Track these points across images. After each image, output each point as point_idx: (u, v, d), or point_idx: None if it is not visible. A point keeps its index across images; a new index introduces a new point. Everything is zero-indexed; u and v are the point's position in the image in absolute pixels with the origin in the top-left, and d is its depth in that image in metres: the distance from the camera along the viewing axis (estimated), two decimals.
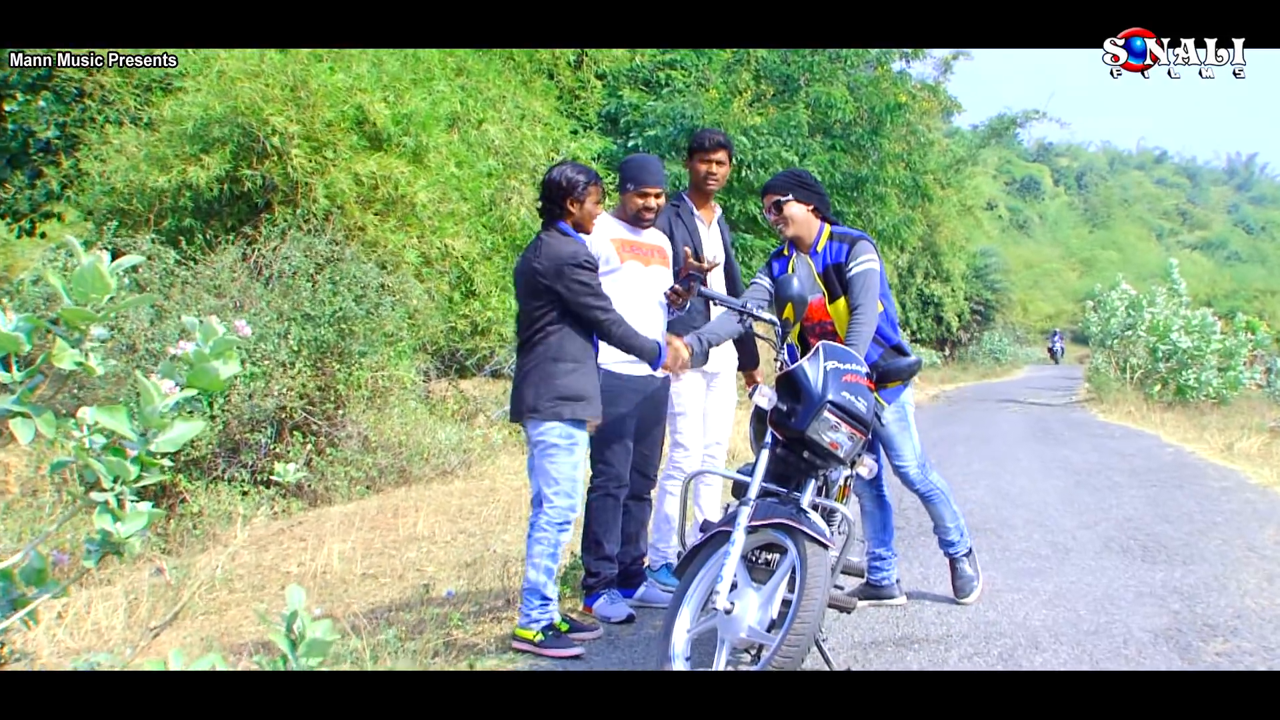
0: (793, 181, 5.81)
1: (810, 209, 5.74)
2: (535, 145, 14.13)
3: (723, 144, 6.33)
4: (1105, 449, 13.42)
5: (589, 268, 5.14)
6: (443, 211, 12.03)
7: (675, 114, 17.46)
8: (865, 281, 5.56)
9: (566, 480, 5.19)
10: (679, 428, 6.16)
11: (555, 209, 5.31)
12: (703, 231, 6.30)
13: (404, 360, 10.85)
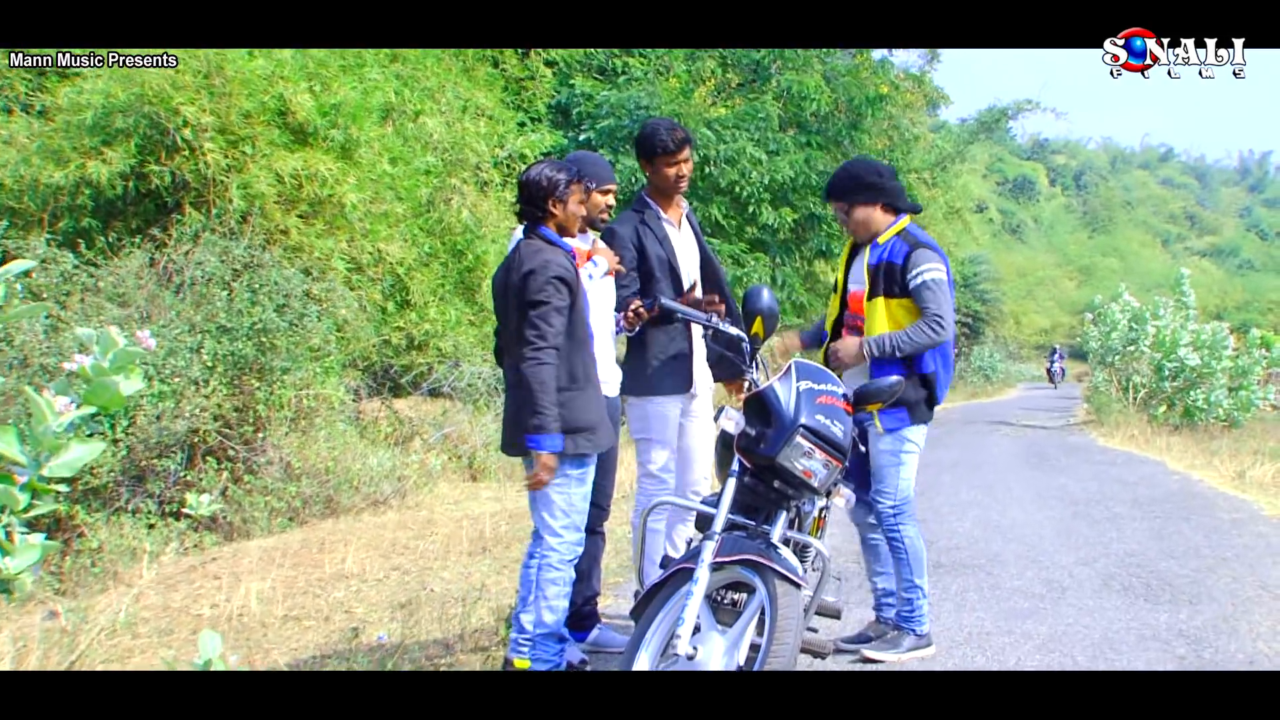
0: (850, 184, 5.99)
1: (879, 207, 5.93)
2: (478, 140, 14.14)
3: (687, 139, 6.34)
4: (1105, 477, 13.55)
5: (559, 283, 5.07)
6: (375, 213, 12.00)
7: (630, 104, 17.52)
8: (936, 292, 5.73)
9: (577, 514, 5.22)
10: (651, 457, 6.17)
11: (536, 212, 5.30)
12: (674, 237, 6.31)
13: (331, 377, 10.81)
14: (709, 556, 4.55)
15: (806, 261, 21.88)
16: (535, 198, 5.29)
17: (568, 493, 5.15)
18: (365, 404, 13.12)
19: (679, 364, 6.16)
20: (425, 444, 12.88)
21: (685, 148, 6.27)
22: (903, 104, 24.56)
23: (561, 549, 5.16)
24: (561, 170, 5.33)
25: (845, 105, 20.30)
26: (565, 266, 5.09)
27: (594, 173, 5.94)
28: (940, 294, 5.75)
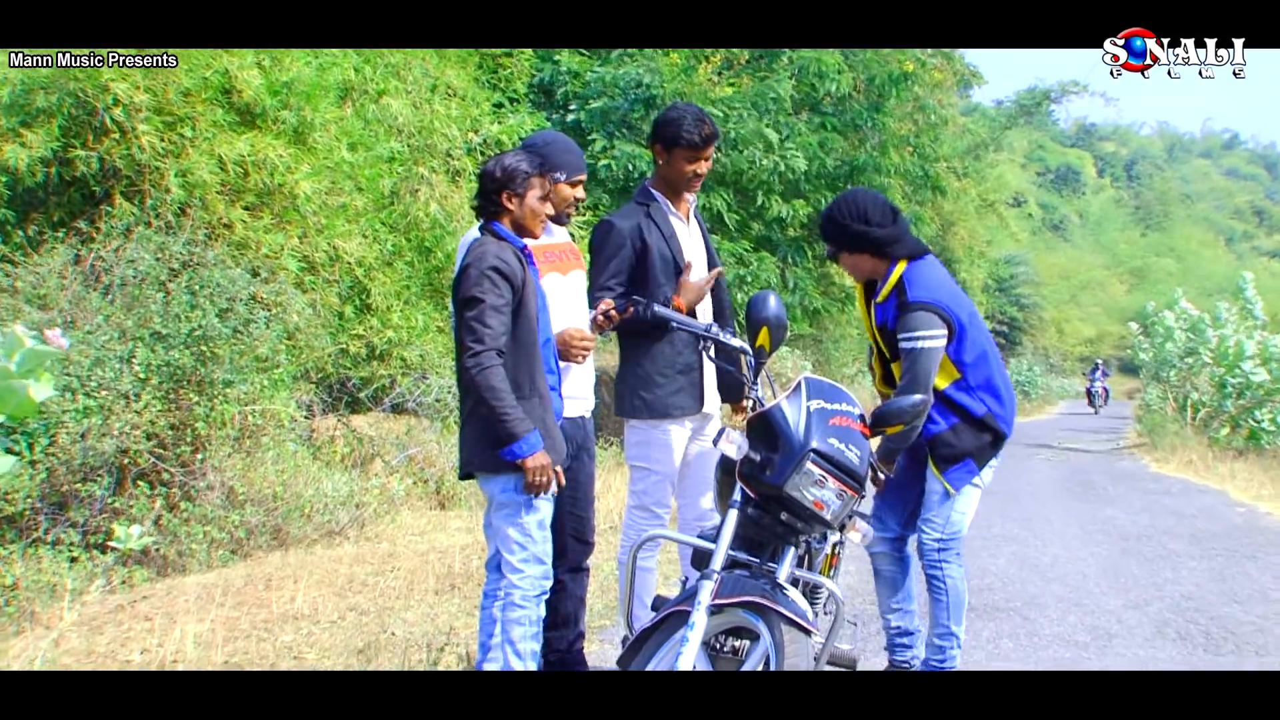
0: (833, 230, 6.11)
1: (866, 255, 6.04)
2: (449, 124, 14.13)
3: (715, 135, 6.36)
4: (1159, 508, 13.57)
5: (495, 276, 5.12)
6: (332, 205, 11.99)
7: (627, 82, 17.54)
8: (914, 360, 5.83)
9: (535, 542, 5.24)
10: (648, 488, 6.17)
11: (490, 206, 5.35)
12: (681, 232, 6.34)
13: (281, 391, 10.79)
14: (707, 598, 4.56)
15: (820, 261, 21.88)
16: (488, 190, 5.34)
17: (519, 522, 5.18)
18: (319, 421, 13.09)
19: (689, 380, 6.17)
20: (387, 467, 12.86)
21: (711, 145, 6.29)
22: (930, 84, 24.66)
23: (524, 584, 5.18)
24: (523, 161, 5.35)
25: (865, 85, 20.34)
26: (504, 260, 5.13)
27: (562, 162, 5.94)
28: (919, 365, 5.84)
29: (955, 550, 6.02)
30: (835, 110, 20.37)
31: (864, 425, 5.02)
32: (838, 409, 4.93)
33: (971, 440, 5.96)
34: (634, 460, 6.22)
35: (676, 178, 6.29)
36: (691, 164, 6.25)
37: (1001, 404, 6.03)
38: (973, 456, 5.98)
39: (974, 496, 6.08)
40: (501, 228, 5.32)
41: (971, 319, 6.03)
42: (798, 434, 4.80)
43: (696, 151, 6.22)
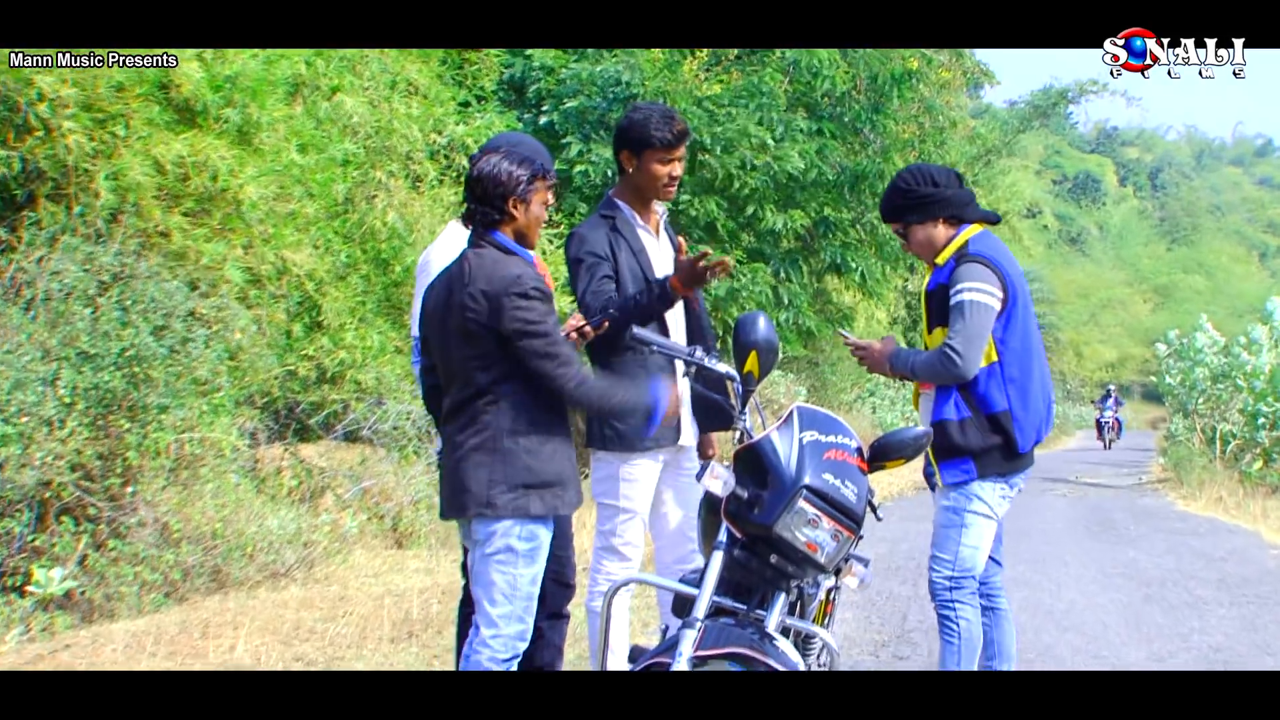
0: (901, 200, 6.17)
1: (940, 222, 6.11)
2: (409, 124, 14.12)
3: (686, 132, 6.34)
4: (1185, 550, 13.58)
5: (538, 297, 5.10)
6: (279, 212, 11.97)
7: (606, 80, 17.52)
8: (962, 316, 5.86)
9: (523, 598, 5.18)
10: (617, 528, 6.13)
11: (492, 214, 5.29)
12: (650, 246, 6.31)
13: (222, 417, 10.76)
14: (689, 649, 4.54)
15: (816, 277, 21.87)
16: (491, 196, 5.26)
17: (513, 572, 5.12)
18: (264, 451, 13.05)
19: None
20: (339, 501, 12.83)
21: (682, 144, 6.27)
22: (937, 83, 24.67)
23: (496, 645, 5.11)
24: (522, 162, 5.31)
25: (866, 84, 20.34)
26: (536, 279, 5.12)
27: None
28: (968, 318, 5.85)
29: (969, 589, 5.99)
30: (833, 111, 20.37)
31: (862, 459, 5.00)
32: (833, 441, 4.91)
33: (977, 438, 5.93)
34: (601, 497, 6.18)
35: (649, 183, 6.25)
36: (665, 166, 6.21)
37: (1026, 410, 5.98)
38: (974, 458, 5.93)
39: (985, 529, 6.03)
40: (503, 237, 5.27)
41: (1026, 307, 6.06)
42: (789, 469, 4.78)
43: (669, 151, 6.19)
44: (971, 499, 5.97)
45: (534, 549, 5.16)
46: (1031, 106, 40.74)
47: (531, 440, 5.11)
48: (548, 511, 5.15)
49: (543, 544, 5.21)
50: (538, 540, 5.17)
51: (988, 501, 6.00)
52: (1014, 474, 6.08)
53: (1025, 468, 6.12)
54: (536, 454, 5.12)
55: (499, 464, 5.12)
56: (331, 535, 11.57)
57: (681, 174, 6.37)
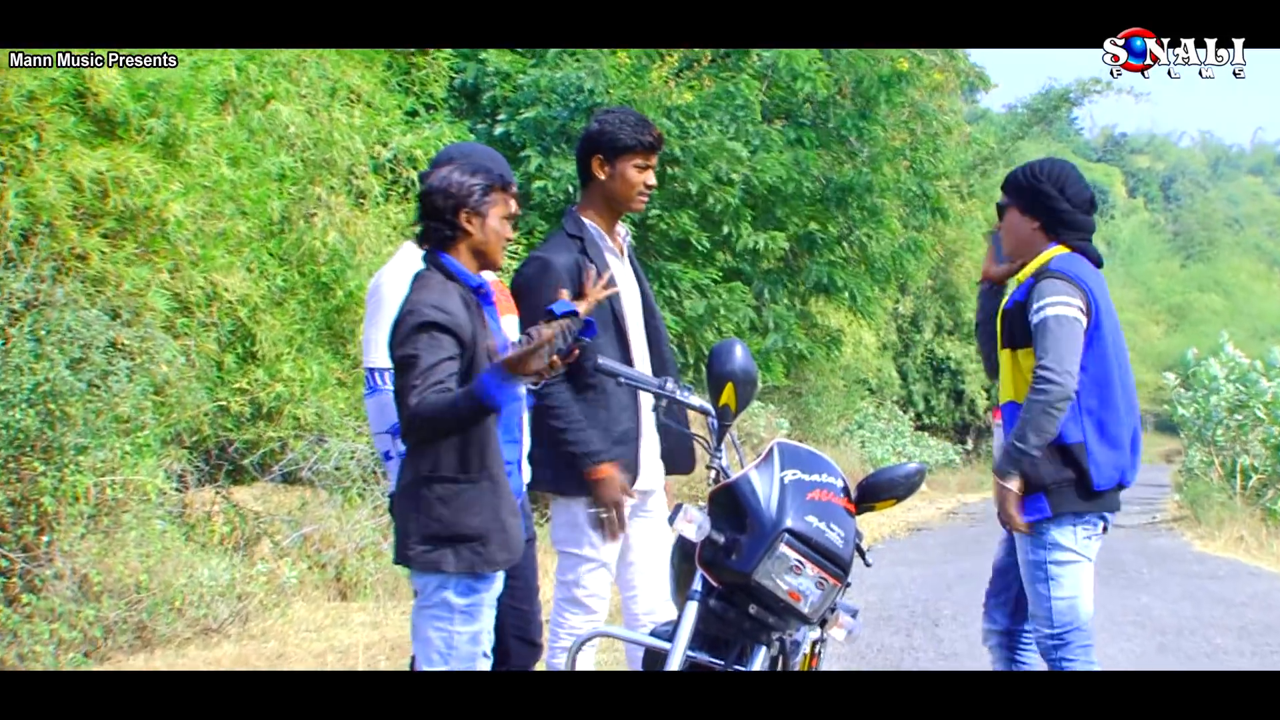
0: (1025, 181, 6.25)
1: (1035, 225, 6.16)
2: (351, 135, 14.08)
3: (663, 140, 6.40)
4: (1203, 595, 13.61)
5: (434, 332, 5.04)
6: (209, 232, 11.92)
7: (566, 87, 17.50)
8: (1046, 332, 5.90)
9: (461, 658, 5.14)
10: (580, 578, 6.12)
11: (442, 230, 5.27)
12: (618, 271, 6.33)
13: (147, 458, 10.71)
14: None
15: (799, 299, 21.87)
16: (442, 210, 5.23)
17: (449, 629, 5.08)
18: (193, 494, 13.00)
19: (625, 450, 6.13)
20: (276, 549, 12.77)
21: (658, 150, 6.34)
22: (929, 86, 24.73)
23: None
24: (477, 173, 5.28)
25: (851, 88, 20.38)
26: (446, 309, 5.03)
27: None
28: (1055, 335, 5.88)
29: (1077, 643, 5.95)
30: (815, 118, 20.38)
31: (849, 500, 5.00)
32: (817, 480, 4.91)
33: (1049, 471, 5.92)
34: (561, 544, 6.18)
35: (622, 191, 6.28)
36: (642, 173, 6.28)
37: (1105, 444, 5.98)
38: (1046, 494, 5.93)
39: (1076, 575, 6.00)
40: (451, 261, 5.23)
41: (1112, 333, 6.09)
42: (769, 511, 4.79)
43: (646, 156, 6.26)
44: (1050, 547, 5.98)
45: (473, 605, 5.11)
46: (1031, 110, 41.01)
47: (448, 488, 5.07)
48: (463, 569, 5.07)
49: (483, 601, 5.16)
50: (477, 596, 5.12)
51: (1068, 546, 5.99)
52: (1093, 513, 6.05)
53: (1108, 509, 6.11)
54: (451, 503, 5.08)
55: (413, 513, 5.12)
56: (268, 586, 11.53)
57: (653, 182, 6.40)
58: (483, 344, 5.13)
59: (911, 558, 17.55)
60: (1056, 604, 5.95)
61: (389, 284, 5.86)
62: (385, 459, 5.91)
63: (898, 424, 41.46)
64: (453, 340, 5.02)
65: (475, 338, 5.11)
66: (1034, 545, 5.98)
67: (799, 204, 19.83)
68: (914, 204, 22.40)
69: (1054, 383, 5.79)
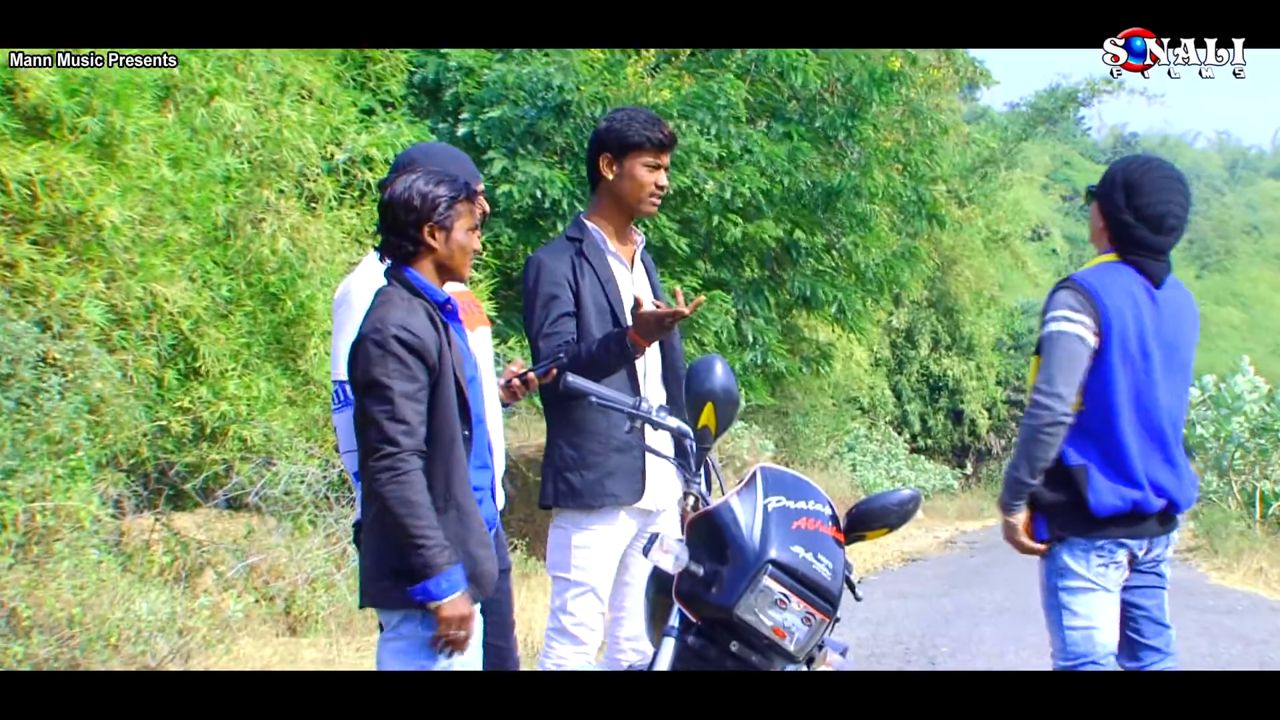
0: (1105, 175, 6.41)
1: (1101, 225, 6.30)
2: (303, 134, 14.06)
3: (675, 140, 6.46)
4: (1219, 631, 13.64)
5: (403, 352, 5.06)
6: (148, 239, 11.91)
7: (535, 83, 17.47)
8: (1044, 350, 6.03)
9: None
10: (567, 604, 6.14)
11: (405, 245, 5.29)
12: (622, 277, 6.36)
13: (80, 483, 10.69)
14: None
15: (782, 310, 21.83)
16: (404, 225, 5.24)
17: (416, 665, 5.10)
18: (131, 521, 12.98)
19: (625, 461, 6.14)
20: (221, 580, 12.76)
21: (670, 150, 6.39)
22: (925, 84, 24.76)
23: None
24: (441, 182, 5.29)
25: (841, 85, 20.39)
26: (411, 329, 5.05)
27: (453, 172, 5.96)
28: (1051, 353, 5.98)
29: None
30: (803, 117, 20.38)
31: (838, 529, 5.01)
32: (804, 508, 4.93)
33: (1047, 491, 5.99)
34: (553, 569, 6.21)
35: (632, 192, 6.34)
36: (653, 172, 6.33)
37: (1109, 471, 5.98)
38: (1045, 515, 6.01)
39: (1090, 603, 6.00)
40: (416, 276, 5.25)
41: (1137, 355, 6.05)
42: (752, 541, 4.80)
43: (658, 155, 6.33)
44: (1061, 573, 6.01)
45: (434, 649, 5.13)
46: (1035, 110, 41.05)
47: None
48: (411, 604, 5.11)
49: None
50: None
51: (1079, 573, 6.00)
52: (1106, 540, 6.03)
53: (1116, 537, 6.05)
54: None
55: (374, 545, 5.14)
56: (212, 621, 11.50)
57: (665, 184, 6.43)
58: (449, 362, 5.14)
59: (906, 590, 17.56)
60: (1070, 633, 5.98)
61: (358, 291, 5.87)
62: (355, 479, 5.92)
63: (891, 446, 41.46)
64: (420, 363, 5.04)
65: (442, 357, 5.13)
66: (1046, 569, 6.06)
67: (787, 206, 19.79)
68: (908, 209, 22.42)
69: (1043, 406, 5.87)
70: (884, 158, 21.66)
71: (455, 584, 4.96)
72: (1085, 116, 69.91)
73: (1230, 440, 24.05)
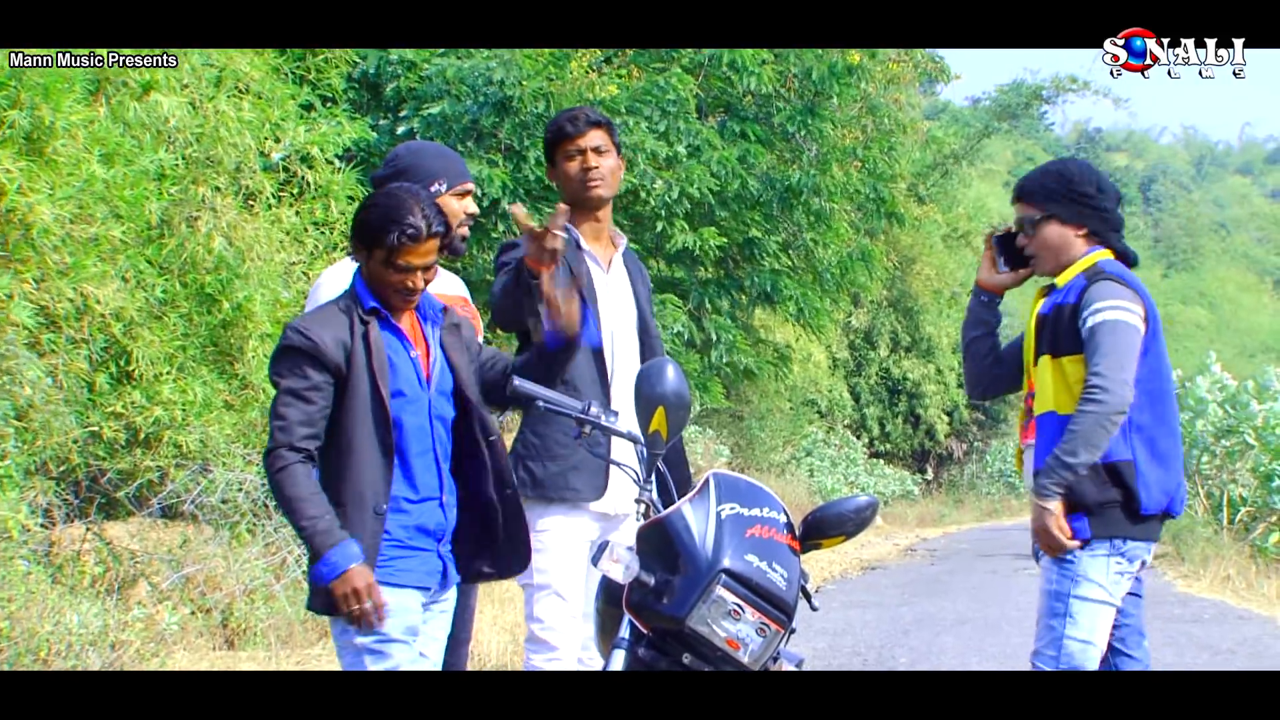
0: (1055, 185, 6.28)
1: (1083, 232, 6.24)
2: (240, 130, 14.01)
3: (597, 121, 6.47)
4: (1186, 641, 13.71)
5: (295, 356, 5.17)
6: (79, 238, 11.86)
7: (477, 79, 17.43)
8: (1101, 338, 5.92)
9: None
10: (534, 610, 6.14)
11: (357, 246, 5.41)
12: (599, 284, 6.36)
13: (8, 491, 10.66)
14: None
15: (743, 311, 21.88)
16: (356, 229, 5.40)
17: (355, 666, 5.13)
18: (61, 531, 12.93)
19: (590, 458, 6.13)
20: (155, 592, 12.72)
21: (592, 131, 6.42)
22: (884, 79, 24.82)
23: None
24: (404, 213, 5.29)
25: (798, 81, 20.41)
26: (303, 330, 5.12)
27: (437, 169, 6.02)
28: (1111, 339, 5.91)
29: None
30: (758, 114, 20.40)
31: (793, 537, 5.02)
32: (758, 515, 4.93)
33: (1093, 490, 5.95)
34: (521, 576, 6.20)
35: (568, 188, 6.43)
36: (571, 160, 6.38)
37: (1156, 464, 6.02)
38: (1089, 513, 5.96)
39: (1098, 617, 6.03)
40: (359, 279, 5.36)
41: (1161, 345, 6.15)
42: (704, 549, 4.80)
43: (573, 141, 6.34)
44: (1078, 580, 5.99)
45: (381, 641, 5.16)
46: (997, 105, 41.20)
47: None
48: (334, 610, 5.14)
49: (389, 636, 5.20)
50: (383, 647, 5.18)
51: (1098, 582, 6.00)
52: (1134, 541, 6.05)
53: (1149, 538, 6.11)
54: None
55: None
56: (146, 634, 11.46)
57: (605, 167, 6.45)
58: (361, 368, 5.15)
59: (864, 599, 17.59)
60: (1068, 643, 5.99)
61: (329, 285, 5.90)
62: None
63: (850, 451, 41.50)
64: (314, 364, 5.13)
65: (352, 361, 5.19)
66: (1058, 574, 6.03)
67: (740, 206, 19.80)
68: (866, 207, 22.48)
69: (1111, 392, 5.82)
70: (842, 155, 21.70)
71: (343, 558, 5.00)
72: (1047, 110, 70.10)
73: (1195, 444, 24.08)
